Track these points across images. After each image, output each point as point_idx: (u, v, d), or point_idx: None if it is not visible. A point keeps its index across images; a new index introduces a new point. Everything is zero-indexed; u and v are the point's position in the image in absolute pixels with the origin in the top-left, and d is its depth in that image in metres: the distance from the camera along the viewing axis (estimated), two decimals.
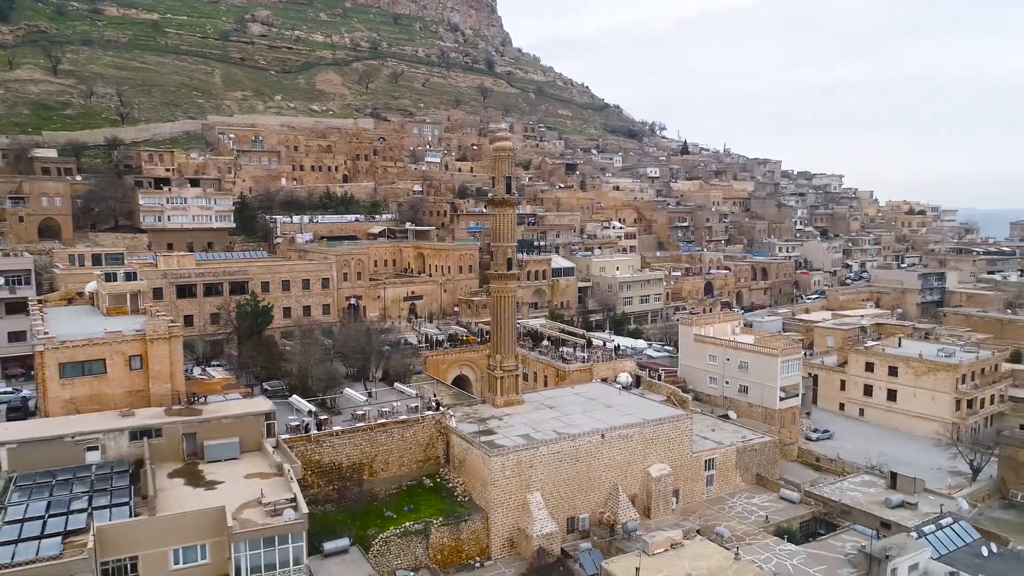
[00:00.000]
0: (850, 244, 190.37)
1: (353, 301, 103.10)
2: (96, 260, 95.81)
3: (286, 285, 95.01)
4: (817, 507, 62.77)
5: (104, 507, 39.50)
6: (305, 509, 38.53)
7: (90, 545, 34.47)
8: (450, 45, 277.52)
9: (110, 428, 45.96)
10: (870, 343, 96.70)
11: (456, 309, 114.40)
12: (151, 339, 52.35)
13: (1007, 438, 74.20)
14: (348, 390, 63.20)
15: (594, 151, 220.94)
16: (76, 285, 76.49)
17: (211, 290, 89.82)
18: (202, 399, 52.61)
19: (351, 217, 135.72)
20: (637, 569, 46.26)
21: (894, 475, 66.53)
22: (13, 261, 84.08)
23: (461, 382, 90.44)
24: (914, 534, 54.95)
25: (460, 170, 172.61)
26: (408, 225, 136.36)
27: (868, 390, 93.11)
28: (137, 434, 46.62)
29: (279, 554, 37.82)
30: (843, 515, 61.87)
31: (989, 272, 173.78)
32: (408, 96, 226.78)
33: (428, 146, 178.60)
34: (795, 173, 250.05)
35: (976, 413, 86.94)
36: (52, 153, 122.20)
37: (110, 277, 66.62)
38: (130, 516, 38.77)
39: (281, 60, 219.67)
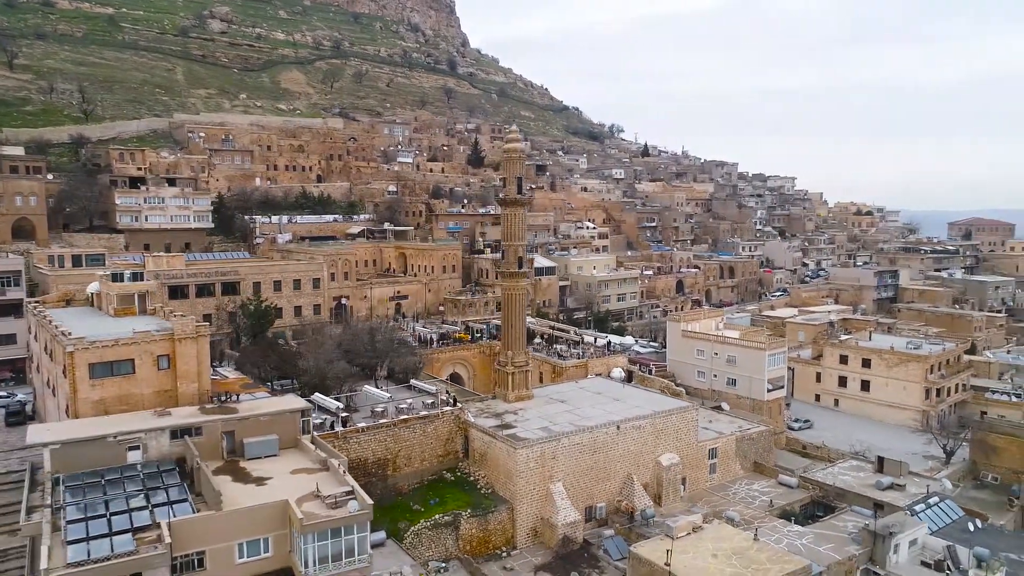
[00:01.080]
0: (807, 244, 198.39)
1: (345, 301, 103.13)
2: (76, 261, 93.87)
3: (277, 285, 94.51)
4: (815, 491, 66.42)
5: (163, 504, 39.81)
6: (369, 500, 39.60)
7: (167, 540, 34.93)
8: (412, 45, 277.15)
9: (152, 427, 45.96)
10: (844, 337, 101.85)
11: (441, 308, 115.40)
12: (179, 338, 52.33)
13: (978, 423, 79.68)
14: (367, 387, 63.99)
15: (560, 152, 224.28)
16: (69, 287, 75.07)
17: (203, 291, 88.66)
18: (233, 398, 52.85)
19: (329, 217, 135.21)
20: (669, 551, 48.64)
21: (881, 459, 70.78)
22: (3, 262, 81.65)
23: (454, 380, 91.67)
24: (906, 513, 59.07)
25: (431, 170, 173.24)
26: (387, 225, 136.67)
27: (843, 381, 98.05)
28: (178, 433, 46.75)
29: (344, 544, 38.80)
30: (838, 498, 65.63)
31: (936, 270, 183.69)
32: (373, 96, 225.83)
33: (399, 146, 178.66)
34: (750, 175, 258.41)
35: (943, 401, 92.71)
36: (19, 151, 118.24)
37: (117, 277, 65.88)
38: (191, 513, 39.17)
39: (243, 58, 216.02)
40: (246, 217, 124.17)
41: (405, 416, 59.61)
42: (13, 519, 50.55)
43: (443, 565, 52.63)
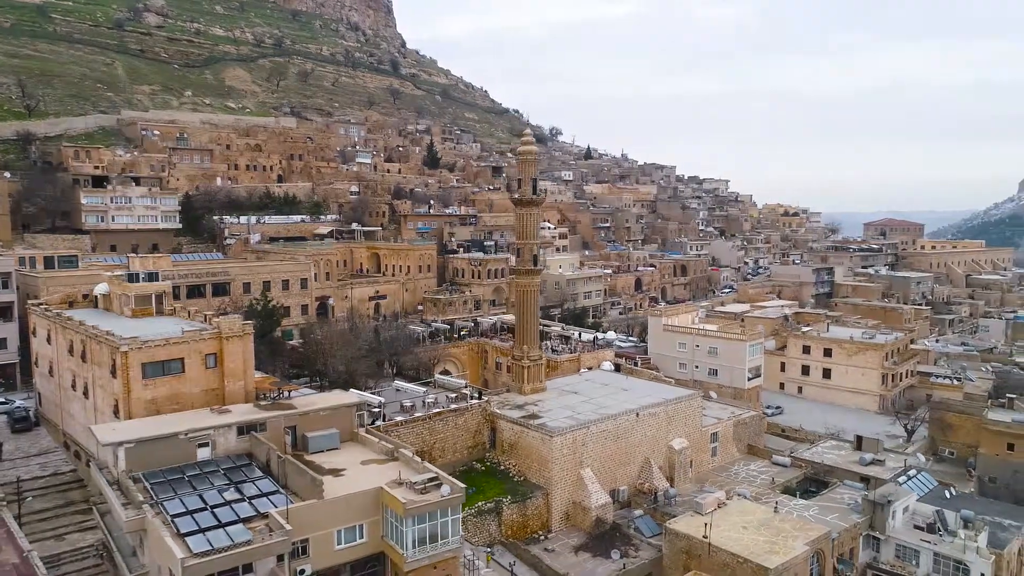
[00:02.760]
0: (746, 243, 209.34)
1: (330, 301, 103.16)
2: (48, 263, 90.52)
3: (267, 286, 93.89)
4: (807, 469, 72.29)
5: (258, 496, 40.78)
6: (461, 485, 41.77)
7: (287, 526, 36.16)
8: (353, 45, 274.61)
9: (220, 424, 46.49)
10: (805, 329, 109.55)
11: (420, 308, 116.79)
12: (227, 337, 52.70)
13: (936, 403, 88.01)
14: (398, 382, 65.46)
15: (509, 154, 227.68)
16: (65, 288, 72.99)
17: (194, 292, 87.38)
18: (285, 395, 53.60)
19: (297, 218, 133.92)
20: (707, 525, 52.72)
21: (859, 438, 77.57)
22: None
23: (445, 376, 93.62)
24: (896, 484, 65.45)
25: (389, 171, 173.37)
26: (354, 226, 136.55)
27: (806, 370, 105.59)
28: (244, 429, 47.43)
29: (440, 528, 40.82)
30: (828, 474, 71.69)
31: (863, 267, 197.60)
32: (320, 95, 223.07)
33: (355, 147, 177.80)
34: (686, 178, 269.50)
35: (897, 386, 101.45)
36: None
37: (133, 278, 64.86)
38: (285, 503, 40.24)
39: (183, 53, 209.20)
40: (214, 217, 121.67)
41: (439, 409, 61.60)
42: (79, 518, 50.21)
43: (488, 550, 54.99)
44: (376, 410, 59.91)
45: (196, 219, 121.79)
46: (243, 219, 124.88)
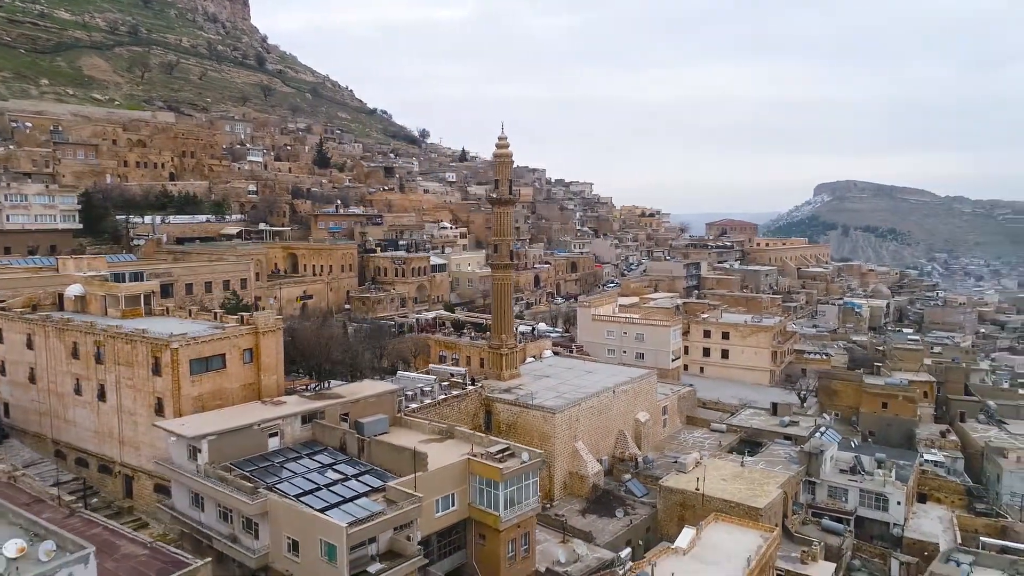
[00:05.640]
0: (617, 242, 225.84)
1: (272, 300, 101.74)
2: None
3: (208, 287, 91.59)
4: (741, 433, 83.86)
5: (358, 475, 43.55)
6: (539, 451, 46.98)
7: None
8: (214, 37, 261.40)
9: (288, 414, 48.14)
10: (703, 316, 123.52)
11: (347, 307, 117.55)
12: (263, 332, 53.83)
13: (824, 373, 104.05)
14: (402, 372, 68.34)
15: (391, 155, 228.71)
16: (8, 291, 68.28)
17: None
18: (326, 385, 55.46)
19: (202, 218, 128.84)
20: (698, 479, 61.43)
21: (775, 405, 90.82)
22: None
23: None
24: (819, 437, 78.36)
25: (280, 170, 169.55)
26: (263, 226, 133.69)
27: (707, 352, 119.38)
28: (307, 418, 49.33)
29: (522, 491, 45.83)
30: (757, 435, 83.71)
31: (719, 262, 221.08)
32: (189, 89, 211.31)
33: (246, 145, 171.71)
34: (553, 180, 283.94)
35: (783, 362, 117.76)
36: None
37: (119, 278, 62.86)
38: (381, 480, 43.38)
39: (29, 38, 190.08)
40: (118, 217, 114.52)
41: (443, 396, 65.60)
42: (126, 518, 49.28)
43: None
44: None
45: (96, 219, 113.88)
46: (148, 219, 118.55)
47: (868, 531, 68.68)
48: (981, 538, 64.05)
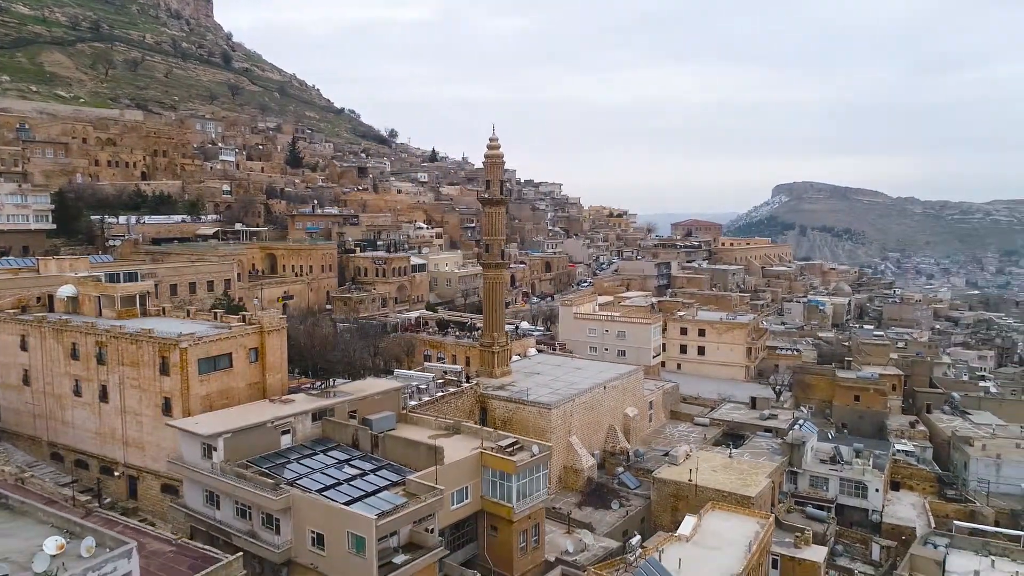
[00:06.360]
0: (588, 241, 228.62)
1: (256, 301, 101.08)
2: None
3: (193, 287, 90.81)
4: (724, 426, 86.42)
5: (374, 469, 44.33)
6: (548, 444, 48.29)
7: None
8: (178, 33, 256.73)
9: (299, 411, 48.64)
10: (680, 313, 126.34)
11: (328, 307, 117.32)
12: (268, 331, 54.16)
13: (798, 368, 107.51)
14: (398, 371, 68.99)
15: (363, 155, 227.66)
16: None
17: None
18: (322, 385, 55.94)
19: (177, 218, 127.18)
20: (692, 470, 63.43)
21: (753, 399, 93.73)
22: None
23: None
24: (798, 430, 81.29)
25: (252, 170, 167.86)
26: (239, 226, 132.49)
27: (684, 348, 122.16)
28: (317, 415, 49.87)
29: (533, 483, 47.13)
30: (739, 428, 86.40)
31: (688, 262, 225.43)
32: (155, 87, 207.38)
33: (215, 144, 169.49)
34: (523, 180, 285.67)
35: (757, 358, 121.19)
36: None
37: (114, 278, 62.36)
38: (399, 475, 44.25)
39: None
40: (93, 217, 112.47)
41: (441, 393, 66.52)
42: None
43: None
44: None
45: (70, 219, 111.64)
46: (122, 219, 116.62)
47: (848, 518, 71.57)
48: (954, 522, 67.38)
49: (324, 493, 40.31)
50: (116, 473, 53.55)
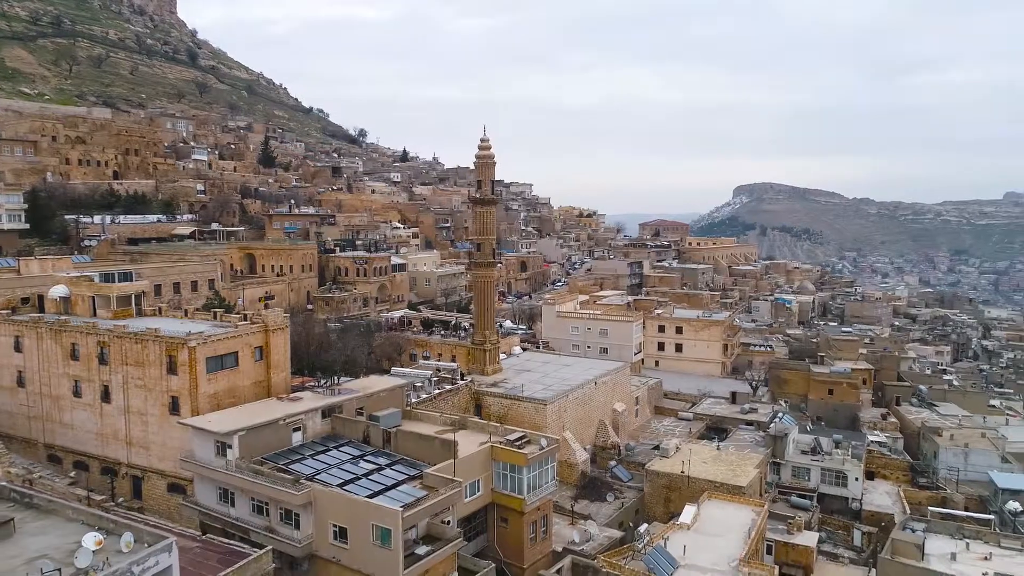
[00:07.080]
0: (561, 241, 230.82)
1: (240, 301, 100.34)
2: None
3: (177, 287, 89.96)
4: (707, 421, 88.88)
5: (389, 464, 45.13)
6: (555, 437, 49.61)
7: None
8: (142, 30, 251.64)
9: (310, 409, 49.12)
10: (658, 311, 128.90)
11: (309, 307, 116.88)
12: (272, 329, 54.47)
13: (774, 363, 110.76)
14: (395, 369, 69.58)
15: (335, 155, 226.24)
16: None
17: None
18: (335, 380, 56.43)
19: (152, 218, 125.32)
20: (684, 462, 65.41)
21: (734, 394, 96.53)
22: None
23: None
24: (779, 422, 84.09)
25: (225, 170, 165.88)
26: (216, 226, 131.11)
27: (661, 346, 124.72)
28: (326, 412, 50.40)
29: (543, 475, 48.43)
30: (721, 422, 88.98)
31: (659, 261, 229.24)
32: (121, 84, 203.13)
33: (187, 143, 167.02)
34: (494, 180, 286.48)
35: (733, 354, 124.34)
36: None
37: (108, 278, 61.85)
38: (414, 470, 45.11)
39: None
40: (68, 217, 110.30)
41: (438, 391, 67.41)
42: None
43: None
44: None
45: (43, 219, 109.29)
46: (97, 219, 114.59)
47: (829, 506, 74.35)
48: (929, 508, 70.61)
49: (344, 488, 40.97)
50: (120, 473, 53.25)
